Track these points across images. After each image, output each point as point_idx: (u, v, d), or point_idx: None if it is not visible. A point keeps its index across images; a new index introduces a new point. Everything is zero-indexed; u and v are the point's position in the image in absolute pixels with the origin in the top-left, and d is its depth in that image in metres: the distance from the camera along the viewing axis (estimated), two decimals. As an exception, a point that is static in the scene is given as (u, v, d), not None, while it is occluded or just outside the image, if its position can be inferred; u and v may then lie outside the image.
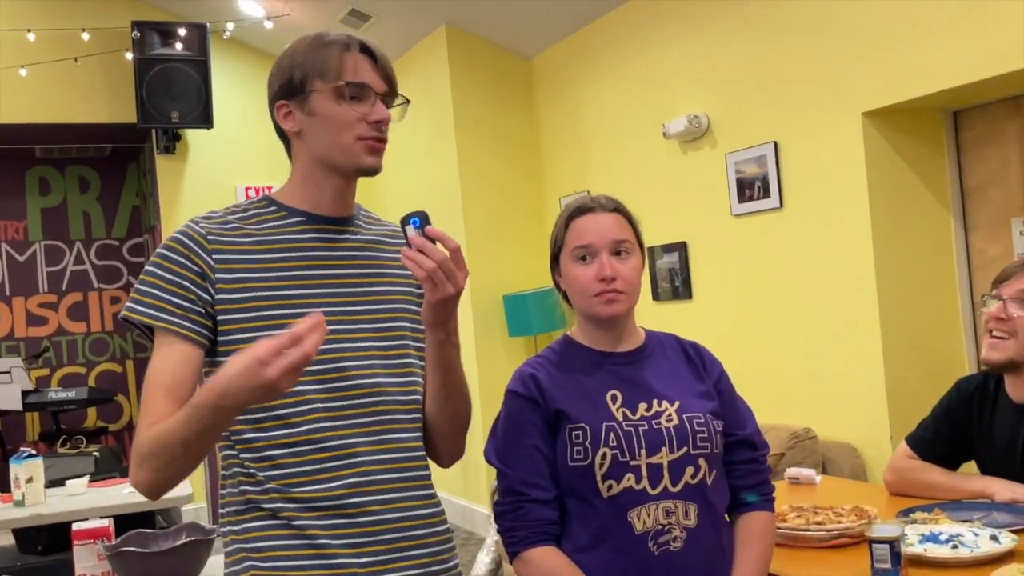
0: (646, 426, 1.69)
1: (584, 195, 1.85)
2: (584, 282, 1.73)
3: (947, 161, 3.83)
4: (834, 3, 3.75)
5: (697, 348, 1.88)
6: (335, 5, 5.82)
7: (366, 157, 1.53)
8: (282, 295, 1.50)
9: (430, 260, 1.40)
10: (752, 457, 1.82)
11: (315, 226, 1.56)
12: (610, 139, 5.27)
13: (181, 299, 1.47)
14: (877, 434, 3.68)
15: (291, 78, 1.54)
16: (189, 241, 1.49)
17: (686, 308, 4.71)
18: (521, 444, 1.72)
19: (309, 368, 1.45)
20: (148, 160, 7.09)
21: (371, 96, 1.52)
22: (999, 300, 2.21)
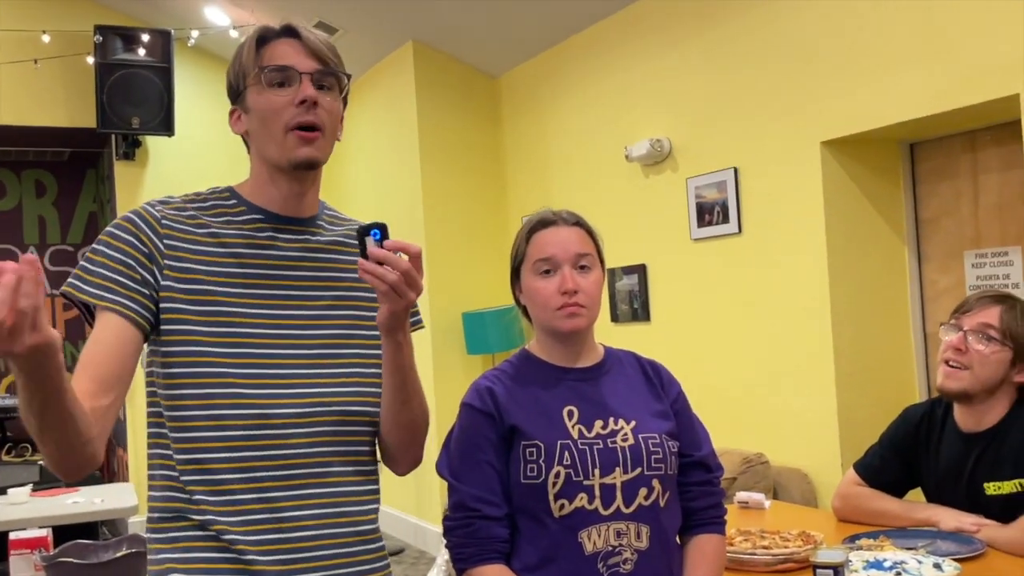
0: (601, 445, 1.68)
1: (546, 209, 1.83)
2: (546, 295, 1.72)
3: (903, 192, 3.89)
4: (796, 34, 3.80)
5: (656, 367, 1.87)
6: (302, 16, 5.74)
7: (296, 149, 1.46)
8: (228, 291, 1.46)
9: (393, 274, 1.36)
10: (706, 479, 1.81)
11: (272, 224, 1.52)
12: (573, 160, 5.29)
13: (126, 278, 1.42)
14: (828, 461, 3.71)
15: (231, 82, 1.53)
16: (140, 222, 1.45)
17: (644, 330, 4.73)
18: (474, 459, 1.70)
19: (249, 372, 1.44)
20: (107, 166, 7.00)
21: (296, 78, 1.46)
22: (959, 330, 2.23)
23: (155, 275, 1.43)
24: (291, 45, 1.48)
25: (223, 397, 1.43)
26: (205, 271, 1.45)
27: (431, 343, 5.77)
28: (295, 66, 1.46)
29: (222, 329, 1.44)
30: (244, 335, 1.45)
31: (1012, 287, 3.45)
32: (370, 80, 6.41)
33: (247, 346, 1.45)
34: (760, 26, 3.97)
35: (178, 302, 1.43)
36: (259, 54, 1.48)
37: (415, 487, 5.99)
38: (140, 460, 6.41)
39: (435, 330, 5.78)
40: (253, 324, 1.46)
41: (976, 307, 2.24)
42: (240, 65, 1.50)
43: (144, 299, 1.42)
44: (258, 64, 1.47)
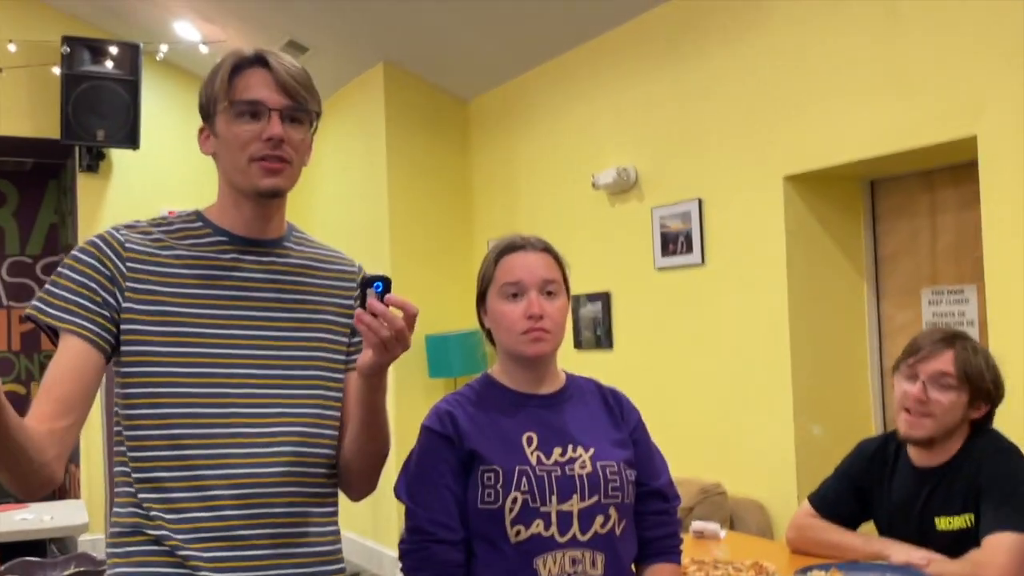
0: (559, 472, 1.68)
1: (515, 234, 1.83)
2: (512, 319, 1.72)
3: (863, 229, 3.95)
4: (762, 70, 3.87)
5: (616, 395, 1.88)
6: (273, 35, 5.79)
7: (262, 179, 1.48)
8: (191, 312, 1.47)
9: (387, 330, 1.39)
10: (663, 508, 1.82)
11: (236, 247, 1.53)
12: (541, 186, 5.32)
13: (87, 300, 1.44)
14: (785, 492, 3.73)
15: (202, 103, 1.54)
16: (103, 245, 1.47)
17: (607, 357, 4.75)
18: (432, 482, 1.69)
19: (207, 391, 1.45)
20: (70, 177, 6.91)
21: (265, 113, 1.48)
22: (916, 379, 2.23)
23: (116, 297, 1.45)
24: (262, 77, 1.49)
25: (179, 417, 1.45)
26: (167, 292, 1.47)
27: (393, 365, 5.72)
28: (264, 101, 1.48)
29: (180, 349, 1.46)
30: (203, 355, 1.47)
31: (967, 325, 3.51)
32: (340, 100, 6.40)
33: (206, 366, 1.47)
34: (728, 61, 4.03)
35: (138, 323, 1.45)
36: (231, 83, 1.49)
37: (372, 510, 5.94)
38: (93, 477, 6.30)
39: (397, 352, 5.75)
40: (213, 344, 1.47)
41: (930, 352, 2.23)
42: (212, 90, 1.52)
43: (105, 321, 1.44)
44: (229, 95, 1.48)
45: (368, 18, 5.33)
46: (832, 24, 3.57)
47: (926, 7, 3.23)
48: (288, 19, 5.62)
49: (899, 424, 2.28)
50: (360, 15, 5.32)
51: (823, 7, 3.61)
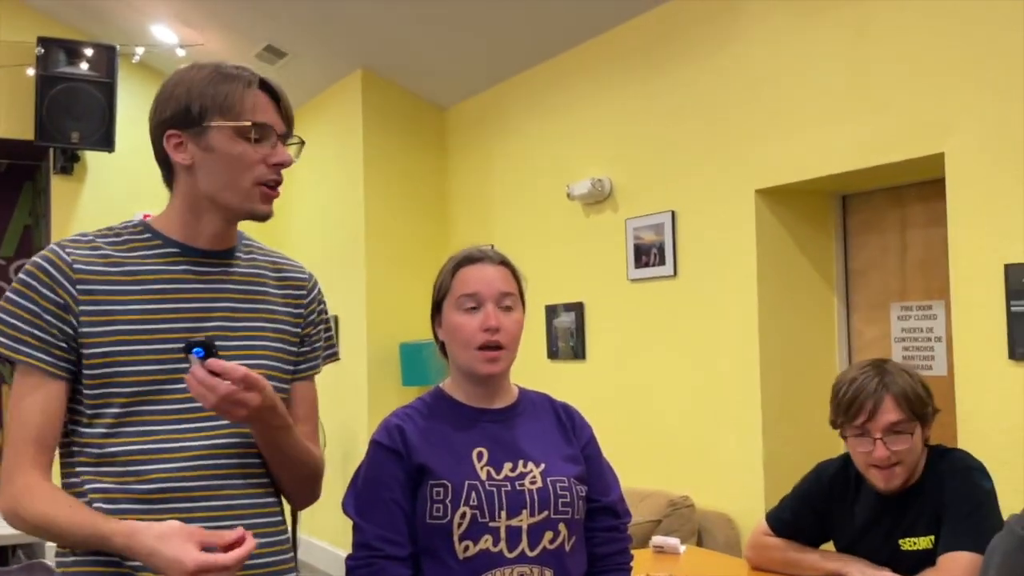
0: (508, 487, 1.68)
1: (472, 246, 1.82)
2: (468, 331, 1.70)
3: (834, 243, 3.96)
4: (736, 83, 3.87)
5: (568, 410, 1.88)
6: (251, 40, 5.77)
7: (260, 204, 1.50)
8: (148, 328, 1.46)
9: (212, 396, 1.38)
10: (613, 525, 1.82)
11: (189, 258, 1.51)
12: (517, 195, 5.31)
13: (42, 332, 1.42)
14: (753, 506, 3.73)
15: (187, 108, 1.47)
16: (53, 270, 1.43)
17: (580, 368, 4.74)
18: (380, 497, 1.68)
19: (162, 408, 1.45)
20: (44, 179, 6.86)
21: (272, 137, 1.49)
22: (867, 437, 2.19)
23: (72, 325, 1.43)
24: (268, 101, 1.50)
25: (138, 435, 1.45)
26: (121, 311, 1.45)
27: (367, 373, 5.73)
28: (275, 127, 1.50)
29: (138, 368, 1.45)
30: (160, 372, 1.46)
31: (935, 340, 3.53)
32: (317, 106, 6.38)
33: (164, 383, 1.46)
34: (702, 75, 4.04)
35: (98, 346, 1.44)
36: (243, 100, 1.47)
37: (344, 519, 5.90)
38: (62, 482, 6.24)
39: (371, 360, 5.74)
40: (168, 360, 1.46)
41: (873, 408, 2.17)
42: (210, 99, 1.47)
43: (62, 352, 1.43)
44: (239, 113, 1.46)
45: (346, 25, 5.32)
46: (804, 41, 3.58)
47: (896, 26, 3.25)
48: (266, 24, 5.60)
49: (873, 481, 2.23)
50: (338, 22, 5.30)
51: (796, 25, 3.62)
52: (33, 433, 1.42)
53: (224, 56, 6.11)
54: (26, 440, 1.41)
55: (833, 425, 2.30)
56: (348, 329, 5.97)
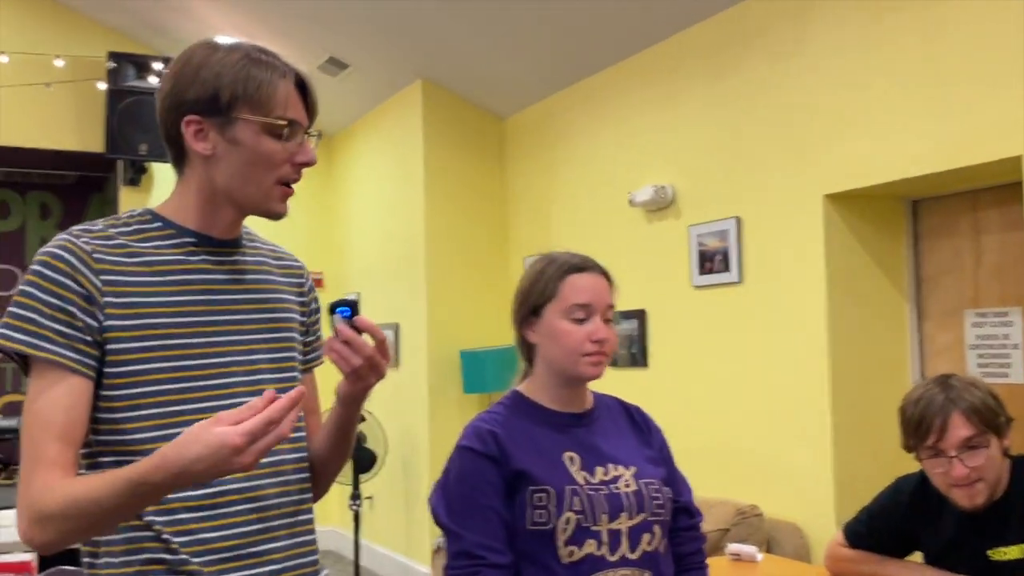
0: (606, 490, 1.68)
1: (571, 252, 1.81)
2: (576, 340, 1.71)
3: (905, 249, 3.90)
4: (802, 87, 3.84)
5: (640, 412, 1.90)
6: (314, 51, 5.86)
7: (278, 204, 1.42)
8: (177, 322, 1.37)
9: (357, 357, 1.36)
10: (691, 524, 1.85)
11: (205, 248, 1.44)
12: (577, 203, 5.31)
13: (65, 326, 1.30)
14: (823, 515, 3.68)
15: (215, 96, 1.36)
16: (73, 259, 1.32)
17: (641, 376, 4.72)
18: (478, 504, 1.66)
19: (201, 407, 1.36)
20: (112, 191, 7.02)
21: (300, 134, 1.42)
22: (942, 456, 2.14)
23: (96, 317, 1.32)
24: (298, 94, 1.42)
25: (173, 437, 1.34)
26: (147, 303, 1.36)
27: (427, 381, 5.76)
28: (303, 123, 1.42)
29: (167, 364, 1.36)
30: (191, 368, 1.38)
31: (1012, 348, 3.45)
32: (378, 116, 6.45)
33: (195, 379, 1.38)
34: (767, 79, 4.01)
35: (124, 340, 1.34)
36: (274, 92, 1.38)
37: (405, 525, 5.94)
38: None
39: (432, 368, 5.77)
40: (199, 355, 1.39)
41: (941, 426, 2.12)
42: (241, 88, 1.37)
43: (87, 346, 1.31)
44: (268, 107, 1.37)
45: (407, 36, 5.37)
46: (874, 44, 3.54)
47: (970, 25, 3.20)
48: (329, 36, 5.68)
49: (957, 501, 2.17)
50: (399, 33, 5.36)
51: (864, 26, 3.58)
52: (56, 431, 1.27)
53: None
54: (46, 441, 1.26)
55: (906, 448, 2.25)
56: (409, 337, 6.01)
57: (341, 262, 7.00)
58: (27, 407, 1.30)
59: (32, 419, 1.29)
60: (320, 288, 7.09)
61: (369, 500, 6.29)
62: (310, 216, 7.09)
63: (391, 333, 6.14)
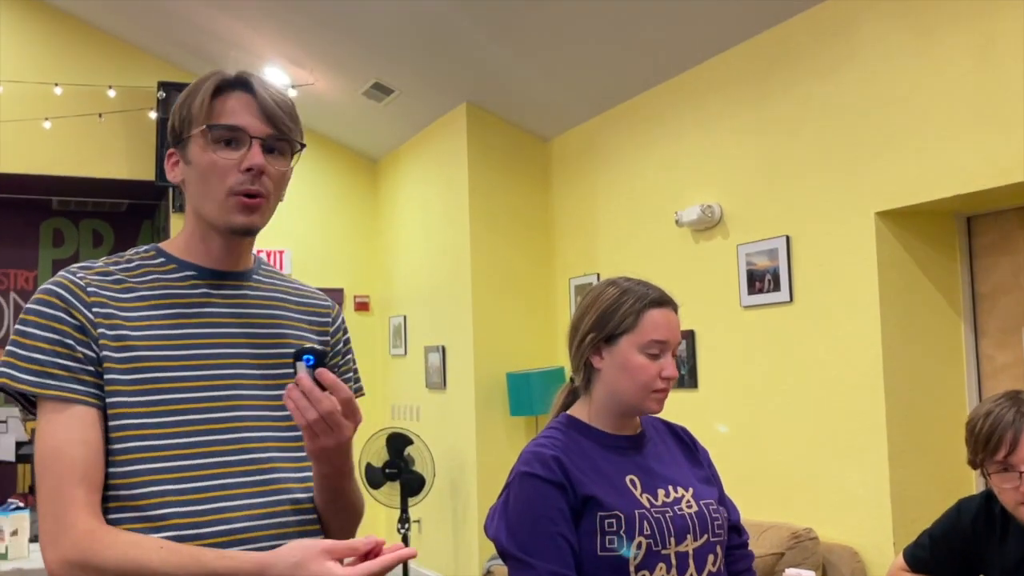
0: (671, 513, 1.67)
1: (650, 284, 1.79)
2: (649, 376, 1.70)
3: (959, 266, 3.82)
4: (851, 103, 3.79)
5: (687, 433, 1.91)
6: (360, 77, 5.92)
7: (236, 215, 1.36)
8: (168, 355, 1.35)
9: (313, 411, 1.26)
10: (741, 543, 1.84)
11: (206, 280, 1.41)
12: (623, 224, 5.29)
13: (67, 359, 1.29)
14: (880, 539, 3.60)
15: (173, 125, 1.40)
16: (66, 293, 1.32)
17: (692, 397, 4.67)
18: (546, 532, 1.62)
19: (193, 441, 1.33)
20: (163, 218, 7.14)
21: (246, 141, 1.35)
22: (1012, 471, 2.08)
23: (92, 348, 1.31)
24: (245, 101, 1.37)
25: (166, 472, 1.32)
26: (138, 336, 1.34)
27: (474, 403, 5.75)
28: (246, 128, 1.36)
29: (159, 397, 1.33)
30: (182, 401, 1.35)
31: (1074, 366, 3.36)
32: (423, 139, 6.50)
33: (186, 412, 1.35)
34: (815, 96, 3.97)
35: (116, 372, 1.32)
36: (211, 105, 1.37)
37: (453, 548, 5.92)
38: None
39: (479, 390, 5.76)
40: (191, 388, 1.36)
41: (1012, 439, 2.06)
42: (188, 111, 1.38)
43: (91, 377, 1.31)
44: (207, 118, 1.36)
45: (451, 61, 5.41)
46: (924, 58, 3.49)
47: (1022, 41, 3.14)
48: (374, 62, 5.74)
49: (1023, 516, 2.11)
50: (443, 57, 5.40)
51: (914, 42, 3.53)
52: (79, 472, 1.26)
53: (333, 92, 6.31)
54: (72, 482, 1.25)
55: (972, 465, 2.19)
56: (455, 360, 6.01)
57: (387, 286, 7.03)
58: (42, 444, 1.28)
59: (52, 458, 1.27)
60: (367, 312, 7.14)
61: (417, 523, 6.28)
62: (356, 240, 7.15)
63: (437, 356, 6.15)
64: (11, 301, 7.55)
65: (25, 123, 6.21)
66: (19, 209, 7.46)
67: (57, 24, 6.43)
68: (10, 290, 7.56)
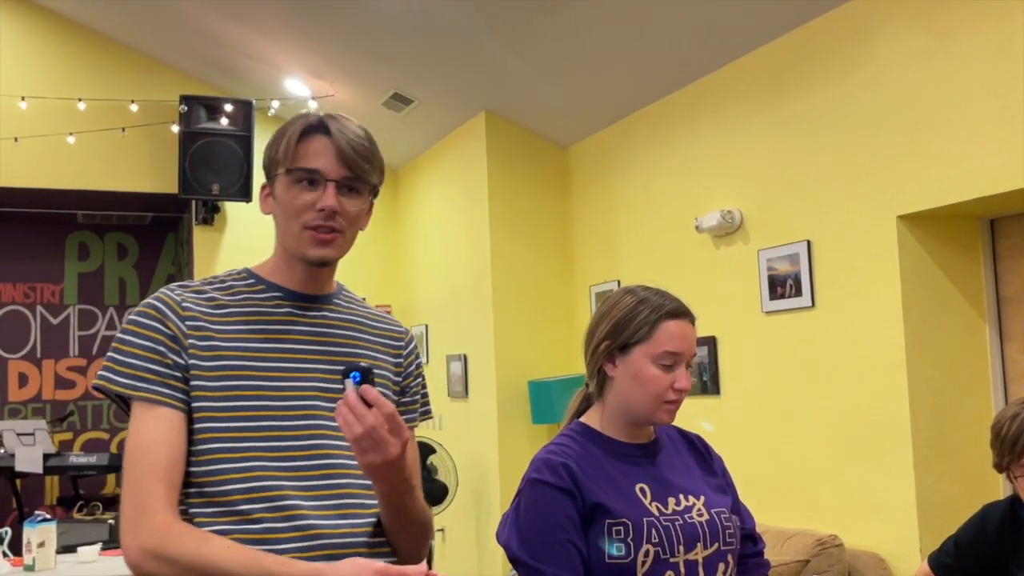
0: (680, 521, 1.67)
1: (667, 293, 1.79)
2: (660, 387, 1.70)
3: (983, 269, 3.79)
4: (871, 106, 3.77)
5: (702, 440, 1.91)
6: (378, 88, 5.95)
7: (311, 248, 1.51)
8: (253, 365, 1.48)
9: (359, 425, 1.34)
10: (756, 551, 1.84)
11: (291, 302, 1.55)
12: (643, 230, 5.28)
13: (157, 364, 1.44)
14: (906, 545, 3.57)
15: (266, 163, 1.57)
16: (162, 306, 1.48)
17: (714, 404, 4.65)
18: (555, 539, 1.64)
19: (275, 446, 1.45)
20: (186, 230, 7.20)
21: (321, 182, 1.49)
22: None
23: (182, 356, 1.45)
24: (324, 144, 1.50)
25: (249, 471, 1.44)
26: (227, 347, 1.48)
27: (496, 412, 5.75)
28: (323, 171, 1.49)
29: (240, 403, 1.46)
30: (263, 408, 1.47)
31: (1101, 368, 3.32)
32: (442, 148, 6.52)
33: (266, 419, 1.47)
34: (835, 99, 3.95)
35: (204, 379, 1.46)
36: (296, 149, 1.51)
37: (477, 556, 5.92)
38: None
39: (501, 399, 5.76)
40: (273, 397, 1.48)
41: None
42: (277, 152, 1.53)
43: (178, 382, 1.44)
44: (291, 160, 1.50)
45: (470, 70, 5.43)
46: (944, 60, 3.47)
47: (1046, 38, 3.11)
48: (393, 73, 5.77)
49: None
50: (462, 67, 5.42)
51: (933, 44, 3.51)
52: (161, 470, 1.39)
53: (353, 104, 6.34)
54: (155, 478, 1.38)
55: (998, 468, 2.18)
56: (476, 368, 6.02)
57: (408, 294, 7.06)
58: (131, 441, 1.43)
59: (138, 454, 1.40)
60: (388, 321, 7.16)
61: (441, 532, 6.29)
62: (377, 249, 7.18)
63: (459, 365, 6.16)
64: (38, 314, 7.64)
65: (49, 138, 6.28)
66: (45, 223, 7.54)
67: (79, 39, 6.51)
68: (36, 303, 7.64)
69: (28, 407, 7.53)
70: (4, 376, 7.51)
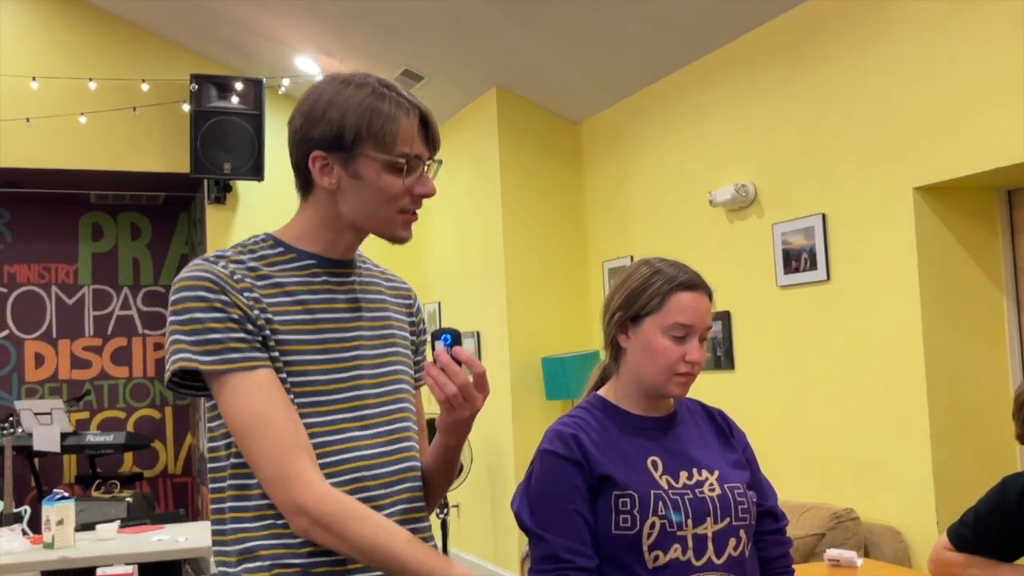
0: (691, 495, 1.66)
1: (681, 264, 1.77)
2: (671, 359, 1.68)
3: (1001, 241, 3.76)
4: (886, 78, 3.73)
5: (724, 415, 1.88)
6: (389, 65, 5.92)
7: (402, 230, 1.50)
8: (303, 339, 1.45)
9: (452, 384, 1.39)
10: (777, 528, 1.82)
11: (326, 269, 1.51)
12: (656, 205, 5.26)
13: (240, 332, 1.38)
14: (923, 518, 3.56)
15: (340, 135, 1.42)
16: (217, 279, 1.40)
17: (728, 378, 4.64)
18: (563, 508, 1.65)
19: (326, 420, 1.45)
20: (199, 209, 7.22)
21: (420, 168, 1.47)
22: None
23: (255, 325, 1.41)
24: (418, 127, 1.46)
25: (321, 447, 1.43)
26: (277, 322, 1.43)
27: (510, 387, 5.76)
28: (423, 156, 1.48)
29: (297, 379, 1.43)
30: (317, 383, 1.45)
31: (1120, 340, 3.29)
32: (454, 126, 6.49)
33: (318, 395, 1.45)
34: (849, 71, 3.91)
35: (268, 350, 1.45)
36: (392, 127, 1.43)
37: (492, 532, 5.95)
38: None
39: (514, 375, 5.77)
40: (325, 371, 1.46)
41: None
42: (365, 127, 1.42)
43: (262, 344, 1.40)
44: (393, 143, 1.43)
45: (480, 46, 5.40)
46: (959, 30, 3.42)
47: (1065, 5, 3.06)
48: (404, 50, 5.73)
49: None
50: (472, 43, 5.38)
51: (949, 13, 3.46)
52: (292, 439, 1.36)
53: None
54: (293, 444, 1.36)
55: (1021, 439, 2.16)
56: (490, 344, 6.02)
57: (421, 271, 7.06)
58: (241, 414, 1.36)
59: (259, 425, 1.36)
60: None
61: (456, 508, 6.32)
62: (390, 228, 7.16)
63: (473, 342, 6.17)
64: (53, 295, 7.68)
65: (61, 119, 6.28)
66: (58, 204, 7.57)
67: (90, 19, 6.50)
68: (51, 283, 7.68)
69: (45, 387, 7.58)
70: (21, 356, 7.57)
